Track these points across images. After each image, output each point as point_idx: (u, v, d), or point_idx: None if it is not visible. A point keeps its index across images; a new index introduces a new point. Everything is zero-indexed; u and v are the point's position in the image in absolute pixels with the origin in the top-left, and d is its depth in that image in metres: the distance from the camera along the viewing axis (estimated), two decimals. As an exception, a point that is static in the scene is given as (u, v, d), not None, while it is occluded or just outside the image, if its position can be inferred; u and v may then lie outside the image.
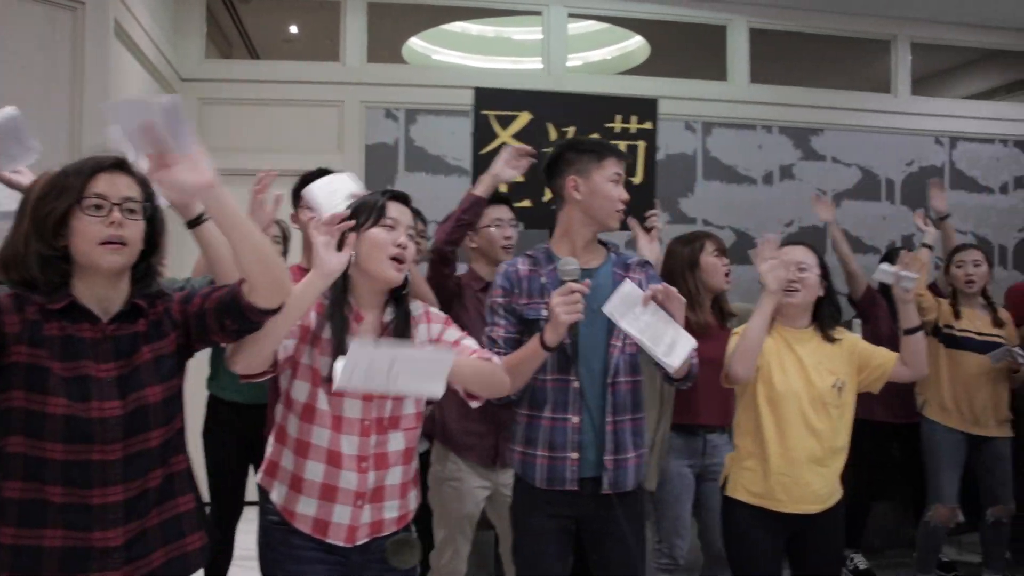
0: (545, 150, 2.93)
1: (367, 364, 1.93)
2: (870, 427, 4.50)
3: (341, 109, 6.00)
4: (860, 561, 4.54)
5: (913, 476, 4.65)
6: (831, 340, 2.84)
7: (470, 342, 2.34)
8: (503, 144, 3.63)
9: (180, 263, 3.87)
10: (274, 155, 5.69)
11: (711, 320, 3.50)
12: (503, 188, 3.56)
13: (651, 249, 3.58)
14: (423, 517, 3.59)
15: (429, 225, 3.88)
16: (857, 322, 5.73)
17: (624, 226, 3.56)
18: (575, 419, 2.45)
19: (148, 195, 1.85)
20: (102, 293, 1.83)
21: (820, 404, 2.75)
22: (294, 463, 2.16)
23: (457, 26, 7.30)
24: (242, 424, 3.54)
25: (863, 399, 4.34)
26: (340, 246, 2.03)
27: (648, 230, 3.70)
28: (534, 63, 6.53)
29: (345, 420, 2.13)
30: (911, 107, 7.03)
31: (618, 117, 3.99)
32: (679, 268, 3.52)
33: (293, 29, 7.34)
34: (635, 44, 7.51)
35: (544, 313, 2.40)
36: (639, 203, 3.85)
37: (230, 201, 1.77)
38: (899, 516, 4.98)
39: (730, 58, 6.65)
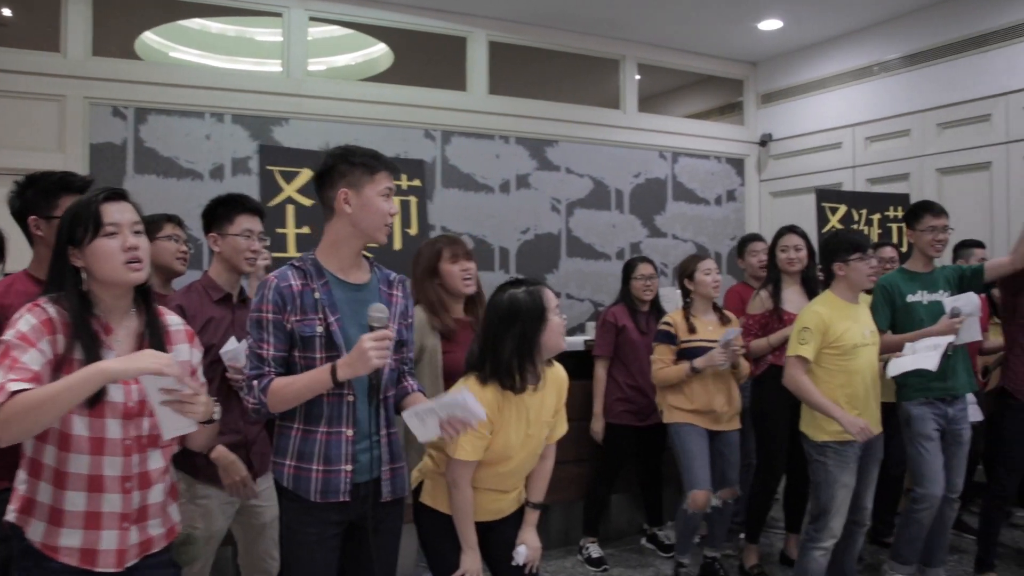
0: None
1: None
2: (611, 429, 4.85)
3: (62, 104, 5.64)
4: (594, 550, 4.87)
5: (650, 472, 5.03)
6: (549, 364, 2.96)
7: None
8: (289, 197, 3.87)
9: None
10: (-17, 151, 5.31)
11: (454, 325, 3.62)
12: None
13: None
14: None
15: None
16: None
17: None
18: (349, 432, 2.47)
19: None
20: None
21: (533, 458, 2.95)
22: (52, 495, 2.05)
23: (196, 23, 7.03)
24: None
25: (608, 402, 4.68)
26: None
27: None
28: (275, 65, 6.44)
29: (108, 442, 2.06)
30: (638, 123, 7.61)
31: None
32: (421, 276, 3.62)
33: (7, 12, 6.75)
34: (379, 51, 7.59)
35: (320, 330, 2.42)
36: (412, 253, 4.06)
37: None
38: (632, 508, 5.35)
39: (469, 69, 6.89)
